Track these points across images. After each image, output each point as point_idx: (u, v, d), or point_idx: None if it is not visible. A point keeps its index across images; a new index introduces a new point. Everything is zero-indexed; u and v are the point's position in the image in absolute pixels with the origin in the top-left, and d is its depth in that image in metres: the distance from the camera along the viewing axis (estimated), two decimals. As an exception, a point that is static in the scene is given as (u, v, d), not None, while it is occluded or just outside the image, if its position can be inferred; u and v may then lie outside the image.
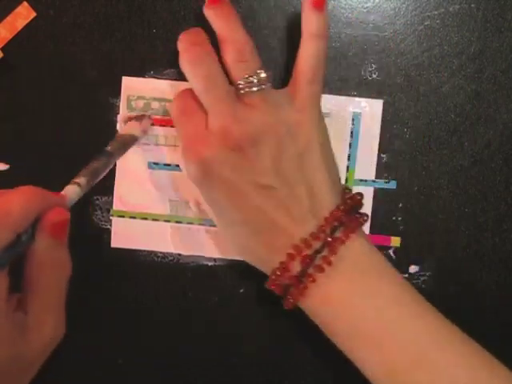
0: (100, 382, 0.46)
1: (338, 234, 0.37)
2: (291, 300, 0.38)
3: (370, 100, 0.43)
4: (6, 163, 0.44)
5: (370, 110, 0.43)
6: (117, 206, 0.44)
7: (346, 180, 0.44)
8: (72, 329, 0.46)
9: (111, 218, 0.45)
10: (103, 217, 0.45)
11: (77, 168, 0.44)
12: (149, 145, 0.44)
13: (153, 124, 0.43)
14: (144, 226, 0.45)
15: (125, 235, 0.45)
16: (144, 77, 0.44)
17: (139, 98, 0.44)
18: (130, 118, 0.44)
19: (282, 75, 0.43)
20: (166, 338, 0.46)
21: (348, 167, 0.44)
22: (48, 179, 0.44)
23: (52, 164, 0.44)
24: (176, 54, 0.43)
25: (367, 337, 0.37)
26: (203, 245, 0.44)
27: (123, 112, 0.44)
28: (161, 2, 0.43)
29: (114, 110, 0.44)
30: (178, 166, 0.44)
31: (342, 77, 0.43)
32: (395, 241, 0.44)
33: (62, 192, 0.38)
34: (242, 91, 0.38)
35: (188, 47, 0.39)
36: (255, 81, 0.38)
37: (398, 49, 0.43)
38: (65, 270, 0.37)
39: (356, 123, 0.43)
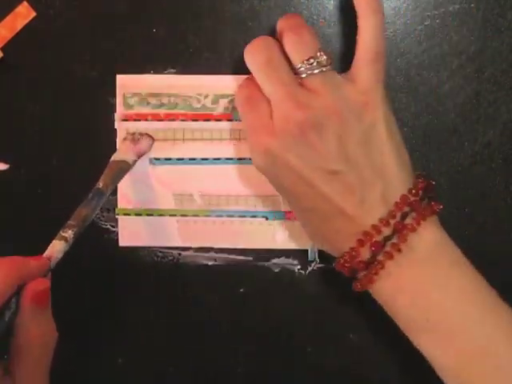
0: (100, 382, 0.46)
1: (408, 221, 0.36)
2: (359, 285, 0.37)
3: None
4: (6, 163, 0.44)
5: None
6: (121, 204, 0.44)
7: None
8: (72, 329, 0.46)
9: (117, 216, 0.45)
10: (103, 216, 0.45)
11: (76, 168, 0.44)
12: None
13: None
14: (150, 223, 0.45)
15: (131, 233, 0.45)
16: (144, 77, 0.44)
17: (135, 94, 0.44)
18: (125, 138, 0.43)
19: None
20: (165, 337, 0.46)
21: None
22: (48, 179, 0.45)
23: (52, 164, 0.44)
24: (175, 53, 0.44)
25: (437, 327, 0.36)
26: (211, 236, 0.45)
27: (120, 110, 0.44)
28: (161, 1, 0.43)
29: (114, 110, 0.44)
30: (179, 159, 0.44)
31: (341, 77, 0.43)
32: None
33: (48, 250, 0.38)
34: (303, 75, 0.37)
35: (251, 41, 0.38)
36: (315, 63, 0.37)
37: (397, 48, 0.43)
38: (50, 335, 0.36)
39: None
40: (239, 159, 0.44)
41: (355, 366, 0.45)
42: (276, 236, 0.44)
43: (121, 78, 0.44)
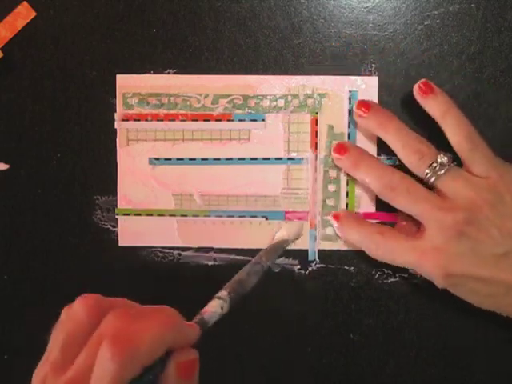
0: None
1: None
2: None
3: (365, 77, 0.43)
4: (6, 163, 0.44)
5: (366, 87, 0.43)
6: (121, 204, 0.44)
7: None
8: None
9: (116, 216, 0.45)
10: (103, 216, 0.45)
11: (76, 168, 0.44)
12: (147, 141, 0.44)
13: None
14: (150, 223, 0.45)
15: (131, 233, 0.45)
16: (144, 77, 0.44)
17: (135, 94, 0.44)
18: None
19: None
20: (165, 337, 0.45)
21: None
22: (48, 179, 0.45)
23: (52, 164, 0.44)
24: (175, 53, 0.44)
25: None
26: (211, 236, 0.45)
27: (120, 110, 0.44)
28: (161, 1, 0.43)
29: (114, 110, 0.44)
30: (179, 159, 0.44)
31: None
32: None
33: (205, 309, 0.36)
34: (432, 179, 0.39)
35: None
36: (439, 165, 0.39)
37: (397, 49, 0.43)
38: None
39: (353, 101, 0.43)
40: (239, 159, 0.44)
41: (355, 366, 0.45)
42: (276, 236, 0.44)
43: (121, 78, 0.44)
